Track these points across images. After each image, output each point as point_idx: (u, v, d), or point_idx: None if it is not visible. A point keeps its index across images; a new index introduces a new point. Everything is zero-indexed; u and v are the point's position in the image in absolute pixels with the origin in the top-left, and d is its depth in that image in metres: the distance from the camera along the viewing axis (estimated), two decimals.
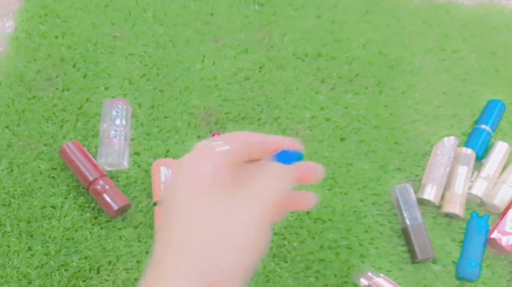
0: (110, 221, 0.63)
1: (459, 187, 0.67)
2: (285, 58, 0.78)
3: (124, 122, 0.68)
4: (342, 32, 0.82)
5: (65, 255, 0.61)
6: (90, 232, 0.62)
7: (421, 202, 0.67)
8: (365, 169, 0.70)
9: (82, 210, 0.64)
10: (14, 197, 0.64)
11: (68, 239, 0.62)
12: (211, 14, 0.82)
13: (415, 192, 0.68)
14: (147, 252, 0.62)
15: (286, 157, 0.33)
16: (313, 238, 0.65)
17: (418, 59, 0.81)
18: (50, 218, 0.63)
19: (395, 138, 0.73)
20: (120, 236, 0.63)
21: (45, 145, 0.68)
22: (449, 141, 0.71)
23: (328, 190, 0.68)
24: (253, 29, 0.81)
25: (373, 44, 0.82)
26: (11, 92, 0.71)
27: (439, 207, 0.68)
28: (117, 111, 0.68)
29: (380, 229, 0.66)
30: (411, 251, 0.64)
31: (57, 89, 0.72)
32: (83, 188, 0.65)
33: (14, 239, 0.61)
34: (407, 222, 0.65)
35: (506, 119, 0.76)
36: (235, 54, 0.78)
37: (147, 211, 0.65)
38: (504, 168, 0.70)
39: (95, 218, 0.64)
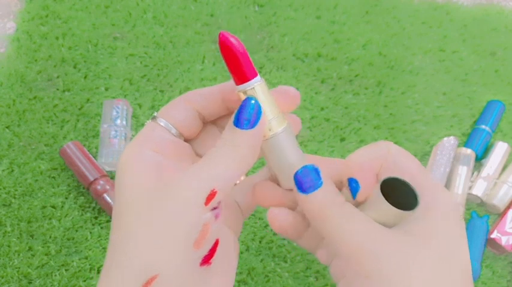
0: (111, 221, 0.63)
1: (459, 187, 0.68)
2: (285, 59, 0.79)
3: (124, 123, 0.68)
4: (341, 33, 0.82)
5: (66, 255, 0.61)
6: (91, 232, 0.63)
7: None
8: None
9: (82, 210, 0.64)
10: (14, 197, 0.64)
11: (68, 239, 0.62)
12: (212, 15, 0.82)
13: None
14: None
15: (240, 119, 0.25)
16: None
17: (418, 60, 0.81)
18: (50, 218, 0.63)
19: (395, 138, 0.73)
20: None
21: (45, 145, 0.68)
22: (449, 142, 0.71)
23: None
24: (253, 29, 0.81)
25: (373, 44, 0.82)
26: (12, 93, 0.71)
27: None
28: (117, 112, 0.68)
29: None
30: None
31: (57, 89, 0.72)
32: (84, 188, 0.65)
33: (14, 239, 0.61)
34: None
35: (505, 120, 0.76)
36: None
37: None
38: (504, 168, 0.70)
39: (96, 218, 0.64)
